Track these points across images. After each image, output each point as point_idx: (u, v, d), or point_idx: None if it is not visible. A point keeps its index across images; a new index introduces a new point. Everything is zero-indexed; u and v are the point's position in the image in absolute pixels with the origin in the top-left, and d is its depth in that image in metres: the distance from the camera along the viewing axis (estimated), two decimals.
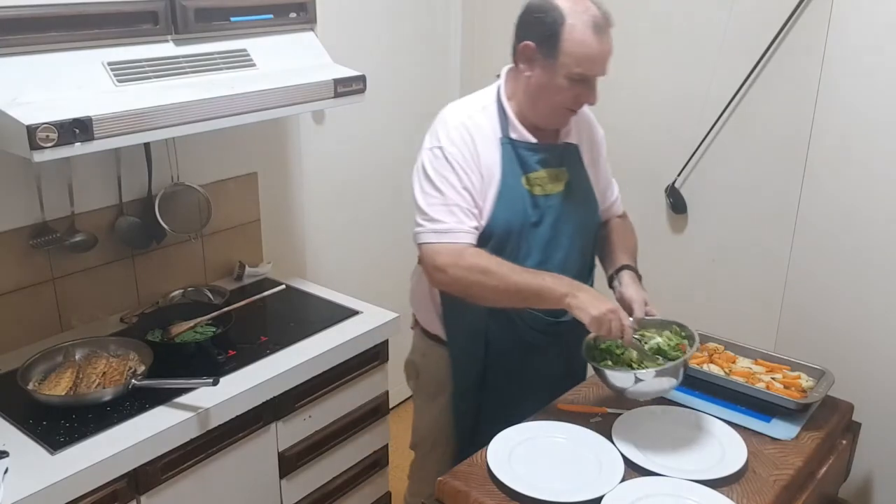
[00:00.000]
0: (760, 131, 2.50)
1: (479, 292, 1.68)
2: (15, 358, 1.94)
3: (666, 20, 2.60)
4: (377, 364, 2.25)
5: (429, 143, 1.76)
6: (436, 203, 1.70)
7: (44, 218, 2.02)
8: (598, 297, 1.62)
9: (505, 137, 1.76)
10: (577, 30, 1.62)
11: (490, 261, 1.66)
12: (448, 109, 1.81)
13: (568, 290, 1.62)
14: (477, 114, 1.77)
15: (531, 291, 1.64)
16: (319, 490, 2.18)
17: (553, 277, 1.66)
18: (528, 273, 1.67)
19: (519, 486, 1.47)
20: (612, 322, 1.58)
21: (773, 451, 1.62)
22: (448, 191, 1.70)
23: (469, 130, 1.74)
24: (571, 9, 1.63)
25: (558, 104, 1.72)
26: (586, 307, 1.59)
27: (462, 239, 1.69)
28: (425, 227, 1.71)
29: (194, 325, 2.05)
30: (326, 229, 2.85)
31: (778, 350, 2.09)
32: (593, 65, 1.66)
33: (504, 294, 1.66)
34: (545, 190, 1.79)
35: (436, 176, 1.72)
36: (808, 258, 2.46)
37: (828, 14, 2.26)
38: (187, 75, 1.91)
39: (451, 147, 1.72)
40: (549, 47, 1.65)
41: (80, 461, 1.60)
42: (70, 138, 1.61)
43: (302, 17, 2.20)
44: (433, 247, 1.69)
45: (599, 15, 1.64)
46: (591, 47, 1.63)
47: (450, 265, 1.67)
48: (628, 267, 1.87)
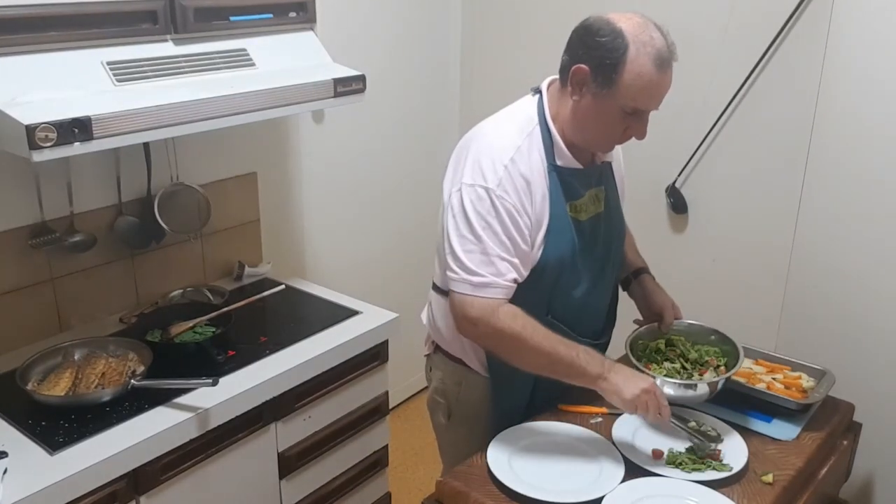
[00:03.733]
0: (761, 131, 2.50)
1: (508, 355, 1.59)
2: (14, 358, 1.93)
3: (666, 20, 2.59)
4: (377, 364, 2.25)
5: (470, 178, 1.57)
6: (474, 251, 1.55)
7: (43, 218, 2.02)
8: (631, 378, 1.54)
9: (551, 165, 1.61)
10: (639, 62, 1.48)
11: (525, 326, 1.54)
12: (490, 136, 1.62)
13: (600, 370, 1.53)
14: (524, 143, 1.59)
15: (563, 366, 1.55)
16: (319, 490, 2.18)
17: (587, 354, 1.55)
18: (561, 345, 1.55)
19: (519, 486, 1.47)
20: (649, 403, 1.51)
21: (774, 451, 1.62)
22: (490, 239, 1.54)
23: (521, 170, 1.56)
24: (636, 37, 1.48)
25: (605, 135, 1.61)
26: (619, 391, 1.51)
27: (498, 294, 1.55)
28: (459, 276, 1.56)
29: (194, 326, 2.04)
30: (326, 229, 2.84)
31: (779, 350, 2.08)
32: (650, 100, 1.54)
33: (533, 363, 1.57)
34: (588, 213, 1.69)
35: (477, 220, 1.55)
36: (808, 258, 2.46)
37: (828, 14, 2.26)
38: (187, 75, 1.91)
39: (501, 191, 1.54)
40: (607, 76, 1.50)
41: (80, 461, 1.59)
42: (69, 138, 1.60)
43: (301, 16, 2.20)
44: (466, 298, 1.56)
45: (665, 47, 1.51)
46: (652, 81, 1.49)
47: (481, 322, 1.55)
48: (645, 270, 1.84)
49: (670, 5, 2.58)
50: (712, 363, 1.73)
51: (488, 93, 3.08)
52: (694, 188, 2.69)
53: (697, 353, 1.77)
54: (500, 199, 1.54)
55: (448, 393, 1.83)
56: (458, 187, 1.58)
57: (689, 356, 1.76)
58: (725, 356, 1.76)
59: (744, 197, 2.58)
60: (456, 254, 1.56)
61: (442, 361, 1.83)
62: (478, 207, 1.55)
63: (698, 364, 1.75)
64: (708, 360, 1.74)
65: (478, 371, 1.76)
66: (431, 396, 1.90)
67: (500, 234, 1.55)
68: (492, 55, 3.05)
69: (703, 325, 1.83)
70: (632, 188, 2.55)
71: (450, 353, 1.80)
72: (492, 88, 3.10)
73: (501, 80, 3.01)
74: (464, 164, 1.60)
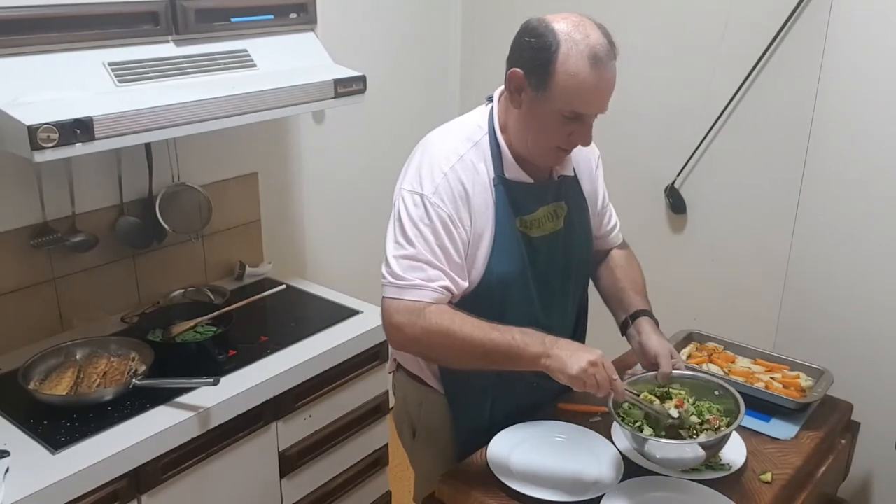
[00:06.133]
0: (760, 131, 2.50)
1: (441, 355, 1.50)
2: (16, 358, 1.94)
3: (666, 20, 2.61)
4: (377, 364, 2.25)
5: (409, 185, 1.51)
6: (404, 256, 1.48)
7: (45, 218, 2.02)
8: (576, 351, 1.39)
9: (498, 177, 1.53)
10: (571, 60, 1.39)
11: (454, 319, 1.43)
12: (435, 144, 1.56)
13: (541, 349, 1.40)
14: (469, 152, 1.52)
15: (500, 353, 1.42)
16: (320, 489, 2.18)
17: (524, 334, 1.42)
18: (496, 331, 1.42)
19: (519, 486, 1.47)
20: (597, 375, 1.36)
21: (773, 450, 1.62)
22: (421, 246, 1.47)
23: (459, 177, 1.49)
24: (568, 35, 1.40)
25: (548, 143, 1.50)
26: (563, 367, 1.37)
27: (424, 297, 1.45)
28: (387, 280, 1.49)
29: (195, 325, 2.05)
30: (326, 229, 2.85)
31: (777, 350, 2.09)
32: (588, 102, 1.43)
33: (469, 357, 1.45)
34: (543, 230, 1.59)
35: (410, 227, 1.48)
36: (807, 258, 2.47)
37: (827, 14, 2.27)
38: (188, 76, 1.91)
39: (436, 198, 1.47)
40: (539, 78, 1.42)
41: (81, 461, 1.60)
42: (71, 138, 1.61)
43: (302, 17, 2.20)
44: (391, 302, 1.47)
45: (601, 44, 1.40)
46: (586, 82, 1.39)
47: (406, 324, 1.45)
48: (645, 312, 1.66)
49: (670, 6, 2.58)
50: (714, 423, 1.49)
51: (488, 93, 3.08)
52: (693, 188, 2.69)
53: (697, 409, 1.53)
54: (435, 206, 1.47)
55: (411, 413, 1.76)
56: (398, 192, 1.53)
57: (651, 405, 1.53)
58: (727, 416, 1.51)
59: (743, 197, 2.59)
60: (387, 258, 1.50)
61: (404, 380, 1.76)
62: (412, 213, 1.48)
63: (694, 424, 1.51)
64: (709, 419, 1.50)
65: (437, 389, 1.68)
66: (396, 415, 1.83)
67: (432, 242, 1.47)
68: (492, 55, 3.05)
69: (708, 379, 1.59)
70: (631, 188, 2.57)
71: (410, 372, 1.73)
72: (492, 88, 3.09)
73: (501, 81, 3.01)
74: (406, 169, 1.56)
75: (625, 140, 2.69)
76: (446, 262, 1.48)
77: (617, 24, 1.67)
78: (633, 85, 2.70)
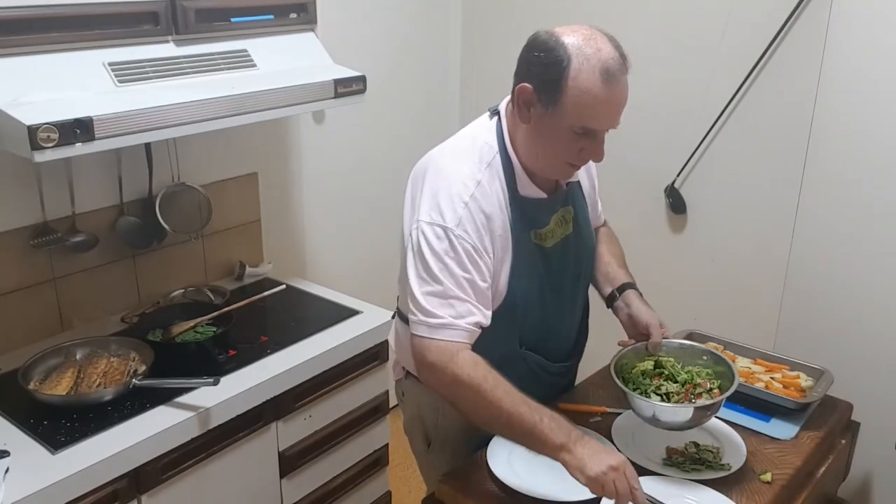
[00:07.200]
0: (760, 131, 2.50)
1: (465, 408, 1.43)
2: (16, 358, 1.94)
3: (666, 20, 2.61)
4: (377, 364, 2.25)
5: (428, 216, 1.45)
6: (431, 293, 1.43)
7: (44, 218, 2.02)
8: (598, 452, 1.34)
9: (512, 196, 1.51)
10: (582, 76, 1.36)
11: (486, 377, 1.38)
12: (447, 169, 1.49)
13: (565, 440, 1.35)
14: (485, 176, 1.48)
15: (523, 430, 1.37)
16: (320, 489, 2.18)
17: (552, 420, 1.37)
18: (525, 405, 1.37)
19: (519, 486, 1.47)
20: (617, 482, 1.31)
21: (773, 450, 1.62)
22: (448, 281, 1.42)
23: (480, 206, 1.45)
24: (579, 50, 1.36)
25: (559, 159, 1.48)
26: (582, 467, 1.32)
27: (457, 337, 1.41)
28: (417, 318, 1.44)
29: (195, 325, 2.05)
30: (326, 229, 2.85)
31: (777, 350, 2.09)
32: (600, 118, 1.40)
33: (492, 421, 1.40)
34: (555, 238, 1.60)
35: (435, 262, 1.42)
36: (807, 258, 2.47)
37: (827, 14, 2.27)
38: (188, 76, 1.92)
39: (461, 230, 1.43)
40: (550, 94, 1.39)
41: (81, 461, 1.60)
42: (71, 138, 1.61)
43: (302, 17, 2.20)
44: (423, 341, 1.43)
45: (613, 58, 1.38)
46: (598, 98, 1.37)
47: (438, 367, 1.41)
48: (631, 285, 1.71)
49: (670, 6, 2.58)
50: (704, 385, 1.57)
51: (488, 93, 3.08)
52: (693, 188, 2.69)
53: (688, 374, 1.60)
54: (459, 239, 1.42)
55: (425, 419, 1.73)
56: (416, 225, 1.47)
57: (678, 378, 1.61)
58: (719, 378, 1.60)
59: (743, 197, 2.59)
60: (415, 296, 1.44)
61: (415, 387, 1.70)
62: (436, 247, 1.43)
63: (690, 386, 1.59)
64: (700, 383, 1.58)
65: None
66: (408, 423, 1.80)
67: (459, 276, 1.42)
68: (492, 56, 3.06)
69: (694, 345, 1.68)
70: (631, 188, 2.57)
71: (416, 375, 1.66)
72: (492, 89, 3.10)
73: (501, 81, 3.01)
74: (420, 197, 1.49)
75: (625, 140, 2.66)
76: (474, 295, 1.44)
77: (617, 24, 1.68)
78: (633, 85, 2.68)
